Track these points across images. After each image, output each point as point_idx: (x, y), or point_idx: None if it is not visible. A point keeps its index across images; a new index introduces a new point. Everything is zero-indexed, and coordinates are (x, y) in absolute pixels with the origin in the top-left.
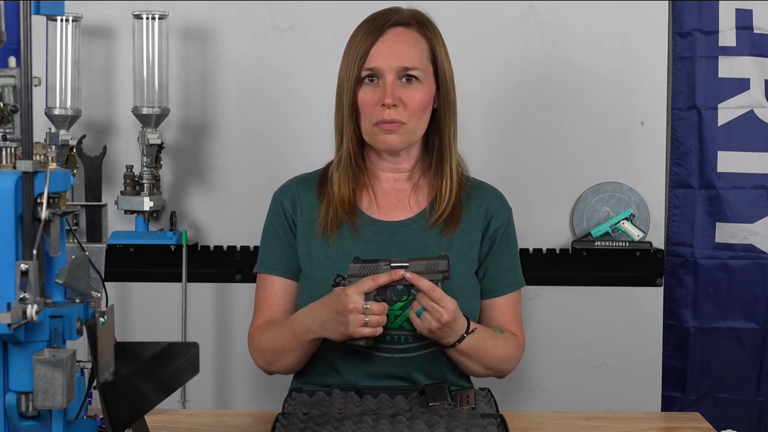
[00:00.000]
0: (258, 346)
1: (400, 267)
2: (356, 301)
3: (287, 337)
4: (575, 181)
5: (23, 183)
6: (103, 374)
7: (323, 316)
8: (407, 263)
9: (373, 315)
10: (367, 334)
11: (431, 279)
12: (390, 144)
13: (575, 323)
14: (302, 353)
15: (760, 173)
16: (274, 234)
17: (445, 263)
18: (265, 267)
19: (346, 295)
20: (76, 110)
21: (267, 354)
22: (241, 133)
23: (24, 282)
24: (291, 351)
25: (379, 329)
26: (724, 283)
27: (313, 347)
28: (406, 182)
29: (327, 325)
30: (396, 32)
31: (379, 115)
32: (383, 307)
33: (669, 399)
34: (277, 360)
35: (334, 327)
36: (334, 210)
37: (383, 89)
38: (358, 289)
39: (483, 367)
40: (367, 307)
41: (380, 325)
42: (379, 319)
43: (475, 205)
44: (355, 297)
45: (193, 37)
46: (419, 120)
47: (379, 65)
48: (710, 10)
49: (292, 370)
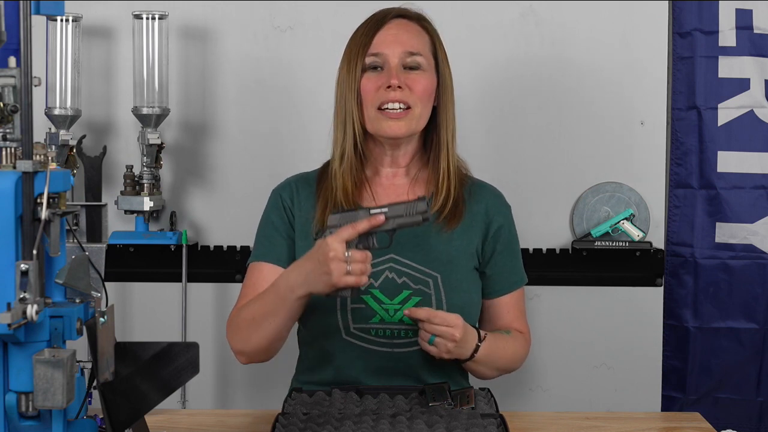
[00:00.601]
0: (236, 323)
1: (380, 213)
2: (337, 249)
3: (270, 300)
4: (575, 181)
5: (23, 183)
6: (103, 374)
7: (306, 268)
8: (386, 208)
9: (356, 263)
10: (351, 282)
11: (412, 221)
12: (394, 131)
13: (575, 323)
14: (284, 317)
15: (760, 173)
16: (270, 225)
17: (423, 204)
18: (257, 255)
19: (327, 244)
20: (76, 110)
21: (244, 328)
22: (241, 133)
23: (24, 282)
24: (272, 314)
25: (363, 278)
26: (724, 283)
27: (296, 310)
28: (403, 178)
29: (310, 278)
30: (399, 22)
31: (383, 97)
32: (365, 255)
33: (669, 399)
34: (256, 331)
35: (317, 278)
36: (331, 208)
37: (388, 74)
38: (339, 237)
39: (496, 370)
40: (349, 255)
41: (364, 274)
42: (362, 266)
43: (475, 203)
44: (336, 245)
45: (193, 37)
46: (424, 107)
47: (384, 51)
48: (710, 10)
49: (270, 343)
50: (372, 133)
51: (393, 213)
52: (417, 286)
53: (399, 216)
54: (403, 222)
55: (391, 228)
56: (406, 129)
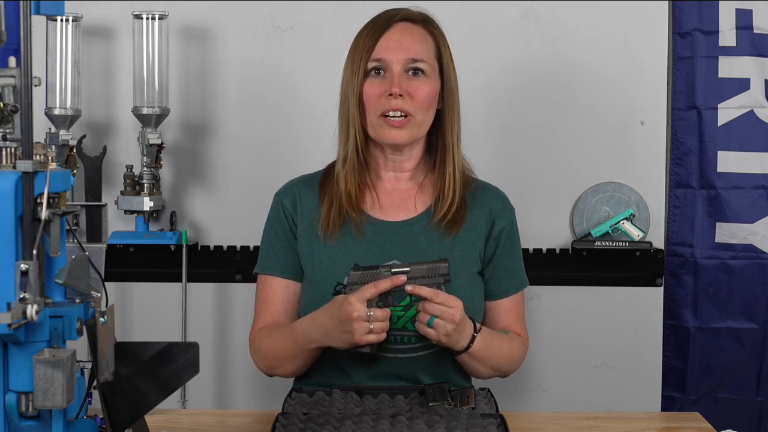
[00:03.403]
0: (259, 351)
1: (401, 272)
2: (360, 310)
3: (288, 345)
4: (575, 181)
5: (23, 183)
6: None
7: (326, 325)
8: (408, 268)
9: (377, 321)
10: (372, 340)
11: (432, 283)
12: (395, 139)
13: (575, 323)
14: (304, 360)
15: (760, 173)
16: (274, 234)
17: (445, 266)
18: (265, 267)
19: (349, 303)
20: (76, 110)
21: (268, 359)
22: (241, 133)
23: (24, 282)
24: (293, 358)
25: (383, 335)
26: (724, 283)
27: (316, 354)
28: (408, 182)
29: (330, 335)
30: (403, 26)
31: (385, 104)
32: (386, 313)
33: (669, 399)
34: (278, 365)
35: (338, 336)
36: (336, 209)
37: (390, 80)
38: (361, 296)
39: (491, 368)
40: (371, 314)
41: (384, 331)
42: (383, 325)
43: (478, 206)
44: (358, 305)
45: (193, 37)
46: (425, 114)
47: (386, 57)
48: (710, 10)
49: (294, 374)
50: (374, 138)
51: (414, 274)
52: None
53: (420, 277)
54: (424, 283)
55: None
56: (407, 137)
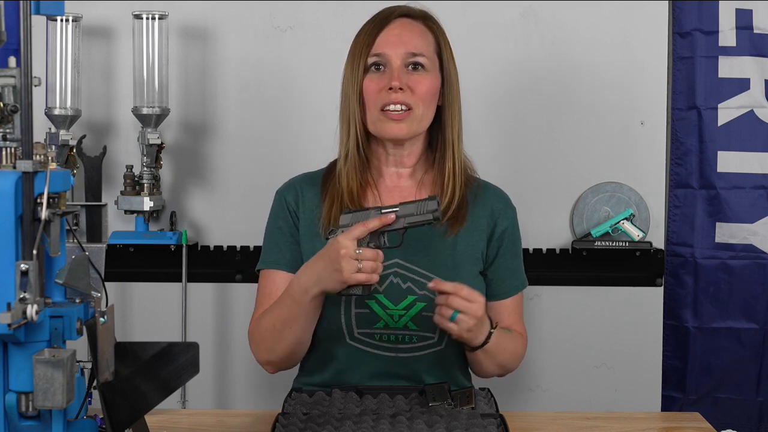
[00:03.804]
0: (258, 334)
1: (391, 211)
2: (347, 246)
3: (286, 306)
4: (575, 181)
5: (23, 183)
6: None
7: (318, 267)
8: (398, 207)
9: (367, 260)
10: (362, 279)
11: (422, 220)
12: (395, 132)
13: (575, 323)
14: (303, 321)
15: (760, 173)
16: (278, 230)
17: (434, 203)
18: (268, 263)
19: (338, 241)
20: (76, 110)
21: (268, 338)
22: (241, 133)
23: (24, 282)
24: (292, 321)
25: (374, 276)
26: (724, 283)
27: (314, 311)
28: (409, 179)
29: (322, 276)
30: (403, 21)
31: (385, 98)
32: (376, 253)
33: (669, 399)
34: (279, 340)
35: (328, 276)
36: (338, 207)
37: (390, 74)
38: (349, 235)
39: (498, 365)
40: (360, 252)
41: (375, 272)
42: (372, 264)
43: (480, 206)
44: (347, 242)
45: (193, 37)
46: (426, 108)
47: (386, 51)
48: (710, 10)
49: (295, 350)
50: (374, 133)
51: (403, 212)
52: (422, 291)
53: (410, 215)
54: (414, 221)
55: (402, 227)
56: (407, 130)
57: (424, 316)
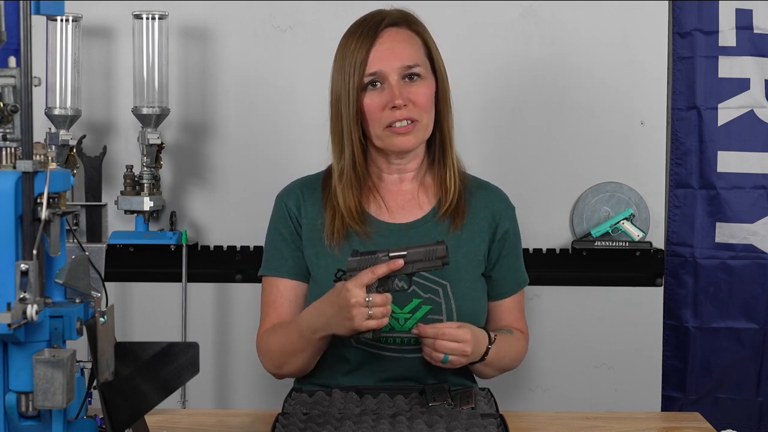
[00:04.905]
0: (266, 350)
1: (399, 257)
2: (358, 295)
3: (294, 338)
4: (575, 181)
5: (23, 183)
6: (103, 374)
7: (327, 313)
8: (405, 252)
9: (377, 307)
10: (373, 326)
11: (431, 266)
12: (404, 145)
13: (575, 323)
14: (311, 353)
15: (760, 173)
16: (279, 236)
17: (443, 248)
18: (271, 269)
19: (347, 289)
20: (76, 110)
21: (276, 357)
22: (241, 133)
23: (24, 282)
24: (300, 351)
25: (384, 320)
26: (724, 283)
27: (322, 345)
28: (411, 182)
29: (332, 322)
30: (390, 33)
31: (389, 117)
32: (386, 298)
33: (669, 399)
34: (286, 362)
35: (339, 323)
36: (339, 220)
37: (390, 92)
38: (358, 282)
39: (500, 370)
40: (370, 300)
41: (385, 316)
42: (383, 310)
43: (481, 207)
44: (356, 291)
45: (193, 37)
46: (429, 115)
47: (382, 68)
48: (710, 10)
49: (303, 371)
50: (381, 148)
51: (412, 257)
52: (427, 294)
53: (418, 260)
54: (422, 266)
55: (411, 272)
56: (414, 141)
57: (430, 320)
